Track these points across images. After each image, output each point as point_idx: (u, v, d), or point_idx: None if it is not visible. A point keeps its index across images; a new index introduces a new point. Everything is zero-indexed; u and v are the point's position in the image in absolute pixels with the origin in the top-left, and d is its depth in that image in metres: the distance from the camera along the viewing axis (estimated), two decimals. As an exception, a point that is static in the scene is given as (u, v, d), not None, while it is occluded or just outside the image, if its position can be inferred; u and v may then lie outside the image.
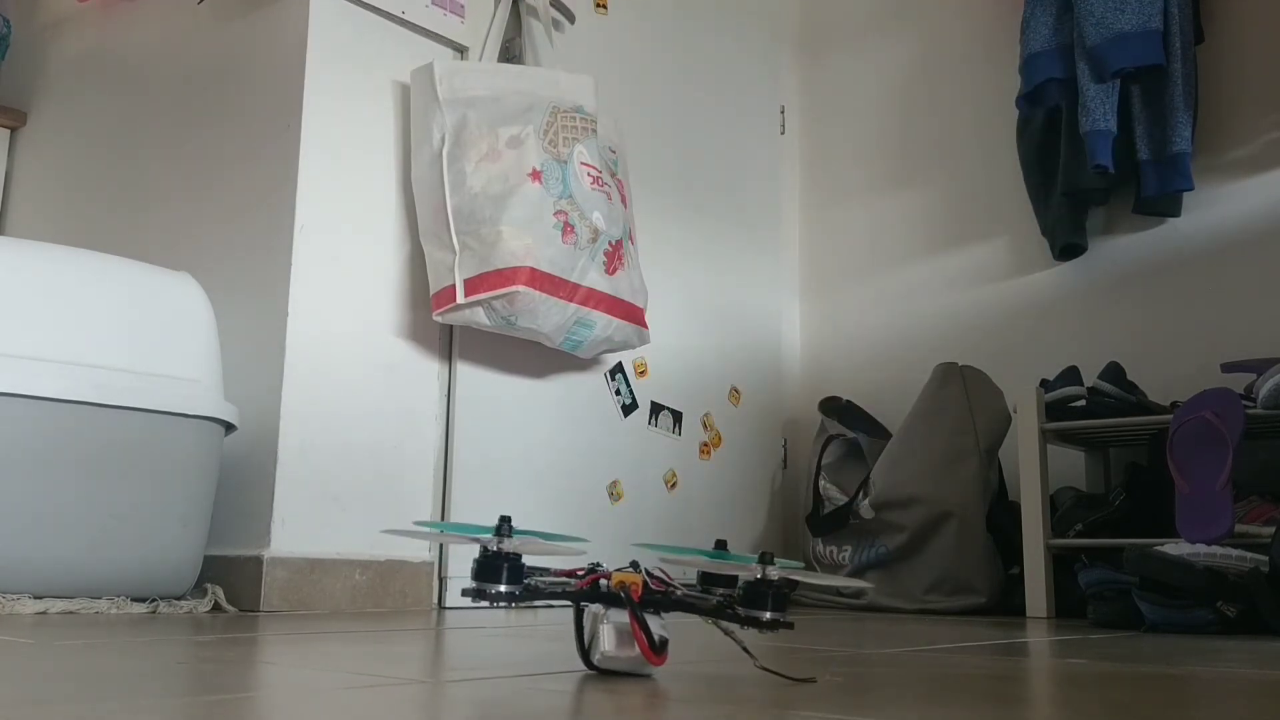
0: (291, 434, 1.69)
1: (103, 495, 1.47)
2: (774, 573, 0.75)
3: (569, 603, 0.79)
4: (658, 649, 0.76)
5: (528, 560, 0.80)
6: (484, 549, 0.78)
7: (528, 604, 0.78)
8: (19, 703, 0.60)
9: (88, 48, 2.27)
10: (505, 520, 0.79)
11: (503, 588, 0.76)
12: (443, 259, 1.79)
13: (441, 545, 1.86)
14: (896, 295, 2.69)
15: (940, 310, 2.61)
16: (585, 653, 0.80)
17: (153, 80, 2.09)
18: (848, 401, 2.50)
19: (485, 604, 0.78)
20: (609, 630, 0.77)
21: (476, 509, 1.90)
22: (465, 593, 0.79)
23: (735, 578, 0.78)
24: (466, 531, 0.82)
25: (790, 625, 0.76)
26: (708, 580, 0.79)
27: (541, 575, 0.80)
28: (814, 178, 2.88)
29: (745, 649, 0.77)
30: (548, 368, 2.05)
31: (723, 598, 0.77)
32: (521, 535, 0.80)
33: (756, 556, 0.76)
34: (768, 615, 0.73)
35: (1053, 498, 2.12)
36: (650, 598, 0.77)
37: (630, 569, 0.78)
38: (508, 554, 0.77)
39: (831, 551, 2.33)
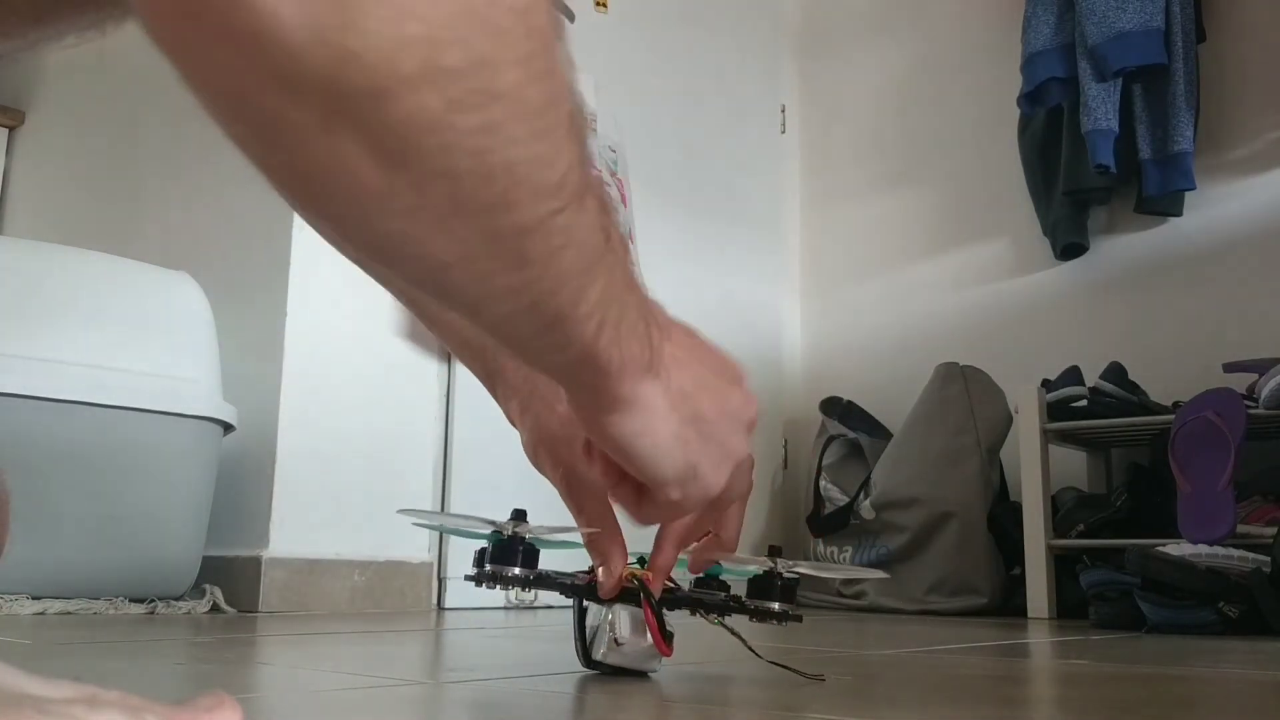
0: (290, 434, 1.68)
1: (100, 495, 1.46)
2: (783, 565, 0.74)
3: (574, 597, 0.78)
4: (669, 639, 0.75)
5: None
6: (498, 533, 0.77)
7: (534, 594, 0.78)
8: (14, 704, 0.60)
9: (86, 47, 2.26)
10: (520, 512, 0.78)
11: (517, 570, 0.75)
12: (442, 258, 1.78)
13: (440, 546, 1.86)
14: (897, 295, 2.68)
15: (941, 310, 2.61)
16: (585, 652, 0.79)
17: (151, 79, 2.08)
18: (848, 401, 2.50)
19: (498, 587, 0.77)
20: (624, 617, 0.76)
21: (476, 509, 1.88)
22: (475, 579, 0.77)
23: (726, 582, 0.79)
24: (475, 529, 0.81)
25: (799, 618, 0.75)
26: (701, 583, 0.79)
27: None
28: (814, 177, 2.87)
29: (750, 648, 0.76)
30: (548, 367, 2.05)
31: (727, 597, 0.77)
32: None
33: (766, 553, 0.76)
34: (777, 606, 0.73)
35: (1054, 498, 2.11)
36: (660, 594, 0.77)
37: (637, 564, 0.78)
38: (522, 538, 0.77)
39: (832, 552, 2.32)
